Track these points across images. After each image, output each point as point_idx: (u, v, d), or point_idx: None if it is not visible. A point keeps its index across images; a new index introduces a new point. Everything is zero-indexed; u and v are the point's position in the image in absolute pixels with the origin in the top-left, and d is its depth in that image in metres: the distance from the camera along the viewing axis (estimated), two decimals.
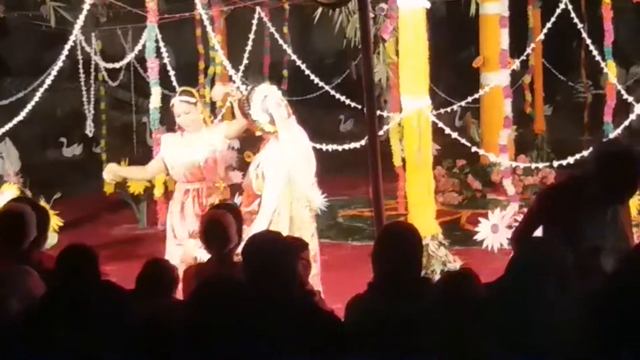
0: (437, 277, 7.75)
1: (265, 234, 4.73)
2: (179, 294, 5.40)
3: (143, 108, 16.80)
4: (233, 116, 7.74)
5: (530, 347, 3.46)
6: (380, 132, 7.52)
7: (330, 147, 9.32)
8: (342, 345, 3.76)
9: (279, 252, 4.09)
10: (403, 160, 11.36)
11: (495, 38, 12.09)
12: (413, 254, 4.25)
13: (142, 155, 15.47)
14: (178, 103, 7.95)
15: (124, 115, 17.83)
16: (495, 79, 11.95)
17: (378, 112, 7.45)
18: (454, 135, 9.27)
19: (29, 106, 10.20)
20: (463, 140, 9.47)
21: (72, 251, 5.08)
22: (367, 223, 11.73)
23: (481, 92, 12.18)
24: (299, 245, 5.07)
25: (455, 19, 15.78)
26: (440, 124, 8.74)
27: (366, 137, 7.83)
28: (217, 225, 5.50)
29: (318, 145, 9.49)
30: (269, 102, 7.38)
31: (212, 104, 13.12)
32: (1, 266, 4.87)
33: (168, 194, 12.38)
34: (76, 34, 10.29)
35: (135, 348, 3.22)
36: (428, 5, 8.19)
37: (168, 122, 12.99)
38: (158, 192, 12.13)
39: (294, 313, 3.93)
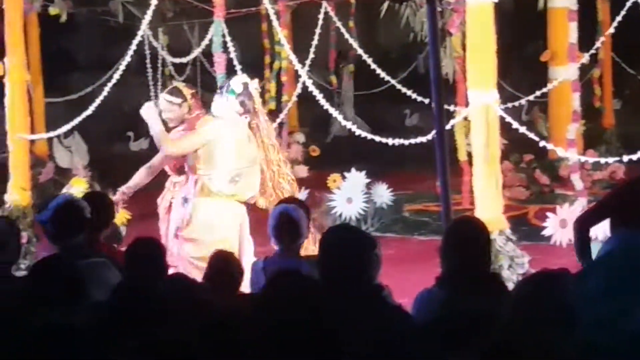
0: (504, 272, 7.69)
1: (341, 228, 4.73)
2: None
3: (208, 103, 16.89)
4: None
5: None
6: (447, 127, 7.46)
7: (397, 141, 9.26)
8: (410, 339, 3.74)
9: (355, 246, 4.08)
10: (468, 154, 11.31)
11: (564, 31, 11.96)
12: (482, 249, 4.22)
13: None
14: (161, 100, 8.20)
15: None
16: (564, 73, 11.82)
17: (445, 106, 7.39)
18: (522, 129, 9.17)
19: (97, 101, 10.30)
20: (531, 135, 9.36)
21: (140, 245, 5.12)
22: (432, 217, 11.67)
23: (549, 86, 12.05)
24: (372, 240, 5.07)
25: (523, 12, 15.63)
26: (508, 118, 8.65)
27: (433, 132, 7.80)
28: (290, 220, 5.51)
29: (384, 140, 9.45)
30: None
31: (278, 98, 13.13)
32: (81, 257, 4.94)
33: None
34: (144, 29, 10.36)
35: (209, 342, 3.22)
36: None
37: None
38: None
39: (364, 307, 3.92)
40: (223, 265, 5.04)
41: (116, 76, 10.48)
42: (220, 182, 7.45)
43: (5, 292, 4.57)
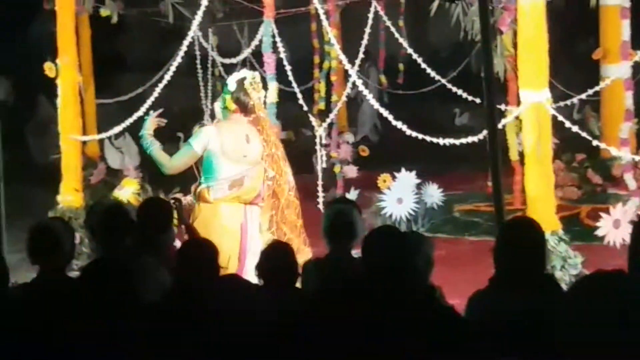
0: (557, 273, 7.62)
1: (386, 229, 4.70)
2: None
3: None
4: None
5: None
6: (499, 126, 7.40)
7: (447, 141, 9.22)
8: (464, 340, 3.71)
9: (400, 247, 4.05)
10: (520, 154, 11.22)
11: (616, 29, 11.84)
12: (537, 249, 4.17)
13: None
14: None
15: None
16: (616, 71, 11.71)
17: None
18: (574, 128, 9.09)
19: (148, 102, 10.34)
20: (583, 134, 9.27)
21: (193, 246, 5.14)
22: (484, 218, 11.61)
23: (602, 84, 11.93)
24: (420, 239, 5.03)
25: (575, 10, 15.49)
26: (560, 117, 8.58)
27: (484, 131, 7.74)
28: (346, 220, 5.49)
29: (435, 140, 9.41)
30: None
31: (328, 99, 13.11)
32: (134, 257, 4.97)
33: None
34: (194, 29, 10.40)
35: (265, 340, 3.21)
36: None
37: (284, 117, 13.09)
38: None
39: (416, 308, 3.89)
40: (277, 262, 5.03)
41: (167, 77, 10.53)
42: (219, 192, 7.39)
43: (61, 293, 4.60)
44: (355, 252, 5.46)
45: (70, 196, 10.44)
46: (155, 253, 5.62)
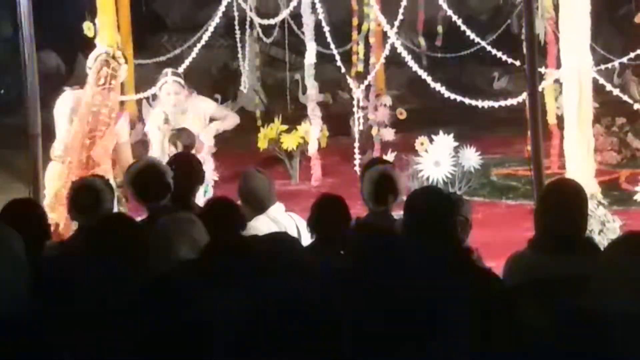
0: (596, 237, 7.59)
1: (427, 189, 4.70)
2: None
3: (295, 65, 16.88)
4: None
5: None
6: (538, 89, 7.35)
7: (486, 103, 9.18)
8: (503, 302, 3.69)
9: (443, 207, 4.05)
10: (558, 118, 11.14)
11: None
12: (579, 211, 4.16)
13: (295, 111, 15.59)
14: (171, 82, 8.80)
15: (277, 72, 17.96)
16: None
17: None
18: (615, 92, 9.01)
19: (186, 62, 10.36)
20: (624, 98, 9.19)
21: (217, 204, 5.18)
22: (521, 182, 11.56)
23: None
24: (459, 202, 5.01)
25: None
26: (601, 81, 8.50)
27: (523, 94, 7.70)
28: (390, 180, 5.49)
29: (474, 102, 9.36)
30: None
31: (366, 61, 13.05)
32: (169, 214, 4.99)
33: (322, 150, 12.47)
34: None
35: (310, 298, 3.21)
36: None
37: (322, 79, 13.05)
38: (311, 147, 12.21)
39: (453, 269, 3.88)
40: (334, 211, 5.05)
41: (205, 38, 10.52)
42: None
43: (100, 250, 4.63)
44: (395, 214, 5.46)
45: None
46: (189, 209, 5.65)
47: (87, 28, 10.54)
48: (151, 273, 3.86)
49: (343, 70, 12.19)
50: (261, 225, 5.51)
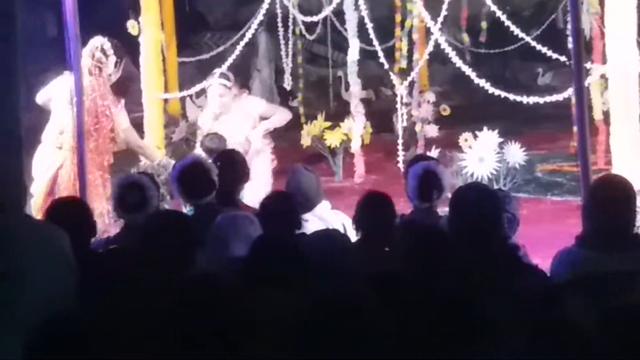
0: None
1: (473, 186, 4.68)
2: None
3: (338, 62, 16.87)
4: None
5: None
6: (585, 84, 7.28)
7: (531, 99, 9.12)
8: (551, 299, 3.67)
9: (490, 204, 4.02)
10: (604, 113, 11.04)
11: None
12: (627, 207, 4.12)
13: (338, 108, 15.58)
14: (217, 85, 8.89)
15: (320, 69, 17.96)
16: None
17: None
18: None
19: (230, 60, 10.37)
20: None
21: (275, 199, 5.19)
22: (566, 177, 11.49)
23: None
24: (506, 198, 4.99)
25: None
26: None
27: (569, 90, 7.62)
28: (435, 176, 5.47)
29: (518, 98, 9.31)
30: None
31: (409, 57, 13.00)
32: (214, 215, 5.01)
33: (365, 147, 12.45)
34: None
35: (358, 298, 3.21)
36: None
37: (365, 75, 13.03)
38: (355, 144, 12.20)
39: (500, 267, 3.86)
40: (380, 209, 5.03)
41: (248, 35, 10.54)
42: None
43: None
44: (440, 210, 5.44)
45: None
46: (234, 207, 5.67)
47: (132, 27, 10.61)
48: (200, 271, 3.87)
49: (386, 66, 12.15)
50: (309, 224, 5.51)
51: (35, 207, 7.92)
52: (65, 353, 3.05)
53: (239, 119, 8.99)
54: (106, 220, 7.92)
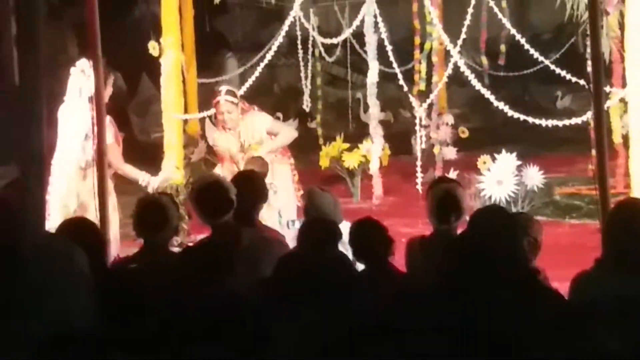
0: None
1: (493, 208, 4.67)
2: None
3: (357, 84, 16.91)
4: None
5: None
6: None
7: (550, 122, 9.12)
8: (573, 323, 3.67)
9: (508, 227, 4.02)
10: (623, 137, 11.02)
11: None
12: None
13: (357, 130, 15.61)
14: (223, 102, 8.97)
15: (339, 90, 18.01)
16: None
17: None
18: None
19: (250, 81, 10.42)
20: None
21: (317, 225, 5.20)
22: (584, 201, 11.46)
23: None
24: (529, 222, 4.98)
25: None
26: None
27: (588, 113, 7.62)
28: (454, 198, 5.47)
29: (537, 121, 9.31)
30: None
31: (428, 80, 13.03)
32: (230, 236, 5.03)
33: (383, 169, 12.47)
34: (296, 10, 10.43)
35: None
36: None
37: (384, 97, 13.06)
38: (373, 166, 12.21)
39: (520, 289, 3.85)
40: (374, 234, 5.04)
41: (268, 57, 10.58)
42: None
43: (167, 265, 4.69)
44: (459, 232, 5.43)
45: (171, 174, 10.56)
46: (252, 226, 5.68)
47: (152, 47, 10.65)
48: (226, 291, 3.88)
49: (405, 88, 12.19)
50: None
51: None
52: None
53: (247, 135, 9.07)
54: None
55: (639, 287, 3.78)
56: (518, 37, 11.25)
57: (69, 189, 8.19)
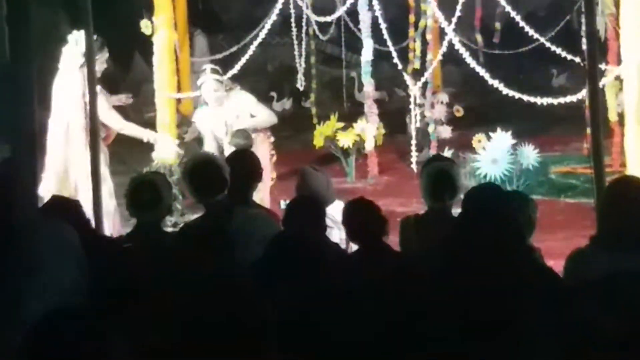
0: None
1: (488, 186, 4.66)
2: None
3: (352, 63, 16.85)
4: None
5: None
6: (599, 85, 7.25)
7: (545, 100, 9.10)
8: (568, 300, 3.64)
9: (503, 205, 4.00)
10: (619, 115, 11.00)
11: None
12: None
13: (351, 109, 15.56)
14: (211, 81, 9.19)
15: (333, 69, 17.94)
16: None
17: None
18: None
19: (243, 60, 10.39)
20: None
21: (302, 201, 5.18)
22: (580, 180, 11.44)
23: None
24: (524, 200, 4.97)
25: None
26: None
27: (583, 91, 7.59)
28: (449, 177, 5.45)
29: (532, 99, 9.28)
30: None
31: (423, 58, 12.99)
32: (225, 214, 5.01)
33: (378, 148, 12.43)
34: None
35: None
36: None
37: (378, 76, 13.00)
38: (368, 145, 12.18)
39: (515, 268, 3.83)
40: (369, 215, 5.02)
41: (262, 35, 10.54)
42: None
43: (160, 244, 4.67)
44: (454, 211, 5.41)
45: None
46: (246, 205, 5.65)
47: (145, 26, 10.61)
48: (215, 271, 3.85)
49: (399, 67, 12.15)
50: None
51: None
52: (75, 346, 3.03)
53: (231, 113, 9.18)
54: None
55: (634, 263, 3.77)
56: (513, 14, 11.21)
57: (64, 160, 8.30)
